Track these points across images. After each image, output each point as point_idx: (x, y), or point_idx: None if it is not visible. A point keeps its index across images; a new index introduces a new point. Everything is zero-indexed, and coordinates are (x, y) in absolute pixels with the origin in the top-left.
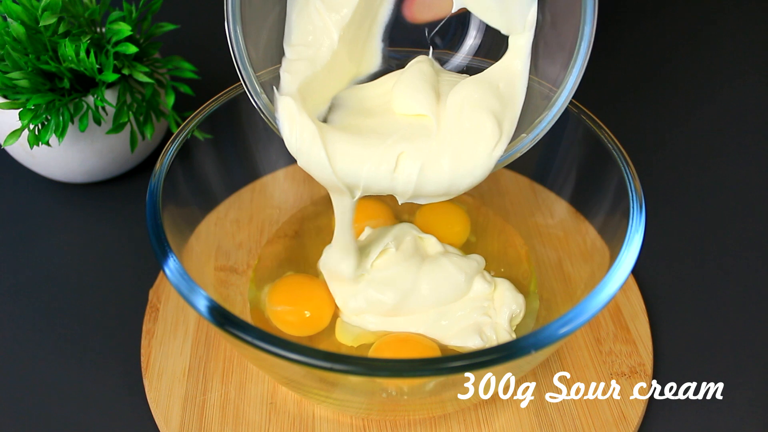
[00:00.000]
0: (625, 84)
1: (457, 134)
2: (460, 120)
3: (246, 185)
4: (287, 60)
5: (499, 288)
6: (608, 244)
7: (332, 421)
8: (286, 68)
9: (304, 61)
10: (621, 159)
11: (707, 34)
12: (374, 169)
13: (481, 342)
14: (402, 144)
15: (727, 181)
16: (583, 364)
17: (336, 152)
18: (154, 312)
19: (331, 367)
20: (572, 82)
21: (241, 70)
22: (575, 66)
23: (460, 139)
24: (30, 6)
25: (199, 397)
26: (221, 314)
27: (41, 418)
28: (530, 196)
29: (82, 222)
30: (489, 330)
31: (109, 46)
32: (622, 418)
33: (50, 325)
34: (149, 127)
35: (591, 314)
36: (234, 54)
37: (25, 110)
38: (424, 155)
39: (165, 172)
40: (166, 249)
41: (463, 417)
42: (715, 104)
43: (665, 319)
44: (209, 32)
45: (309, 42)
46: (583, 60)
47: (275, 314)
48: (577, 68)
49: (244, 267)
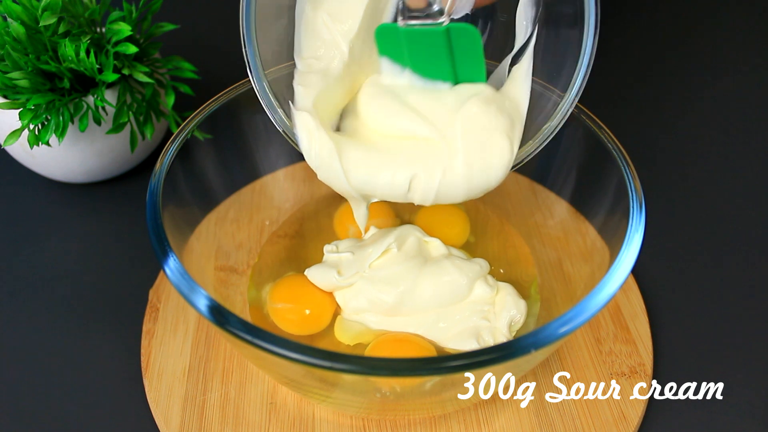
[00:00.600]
0: (625, 84)
1: (471, 153)
2: (472, 140)
3: (246, 185)
4: (299, 72)
5: (501, 292)
6: (608, 244)
7: (332, 421)
8: (300, 81)
9: (316, 74)
10: (621, 159)
11: (707, 32)
12: (389, 185)
13: (478, 346)
14: (415, 165)
15: (727, 181)
16: (583, 364)
17: (351, 168)
18: (154, 312)
19: (330, 366)
20: (575, 91)
21: (257, 86)
22: (578, 77)
23: (475, 157)
24: (30, 6)
25: (199, 397)
26: (221, 314)
27: (41, 418)
28: (530, 196)
29: (82, 222)
30: (487, 334)
31: (109, 46)
32: (622, 418)
33: (50, 325)
34: (149, 127)
35: (591, 314)
36: (251, 72)
37: (25, 110)
38: (438, 174)
39: (165, 172)
40: (166, 249)
41: (463, 417)
42: (715, 103)
43: (665, 319)
44: (209, 32)
45: (320, 55)
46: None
47: (276, 312)
48: (579, 79)
49: (244, 267)
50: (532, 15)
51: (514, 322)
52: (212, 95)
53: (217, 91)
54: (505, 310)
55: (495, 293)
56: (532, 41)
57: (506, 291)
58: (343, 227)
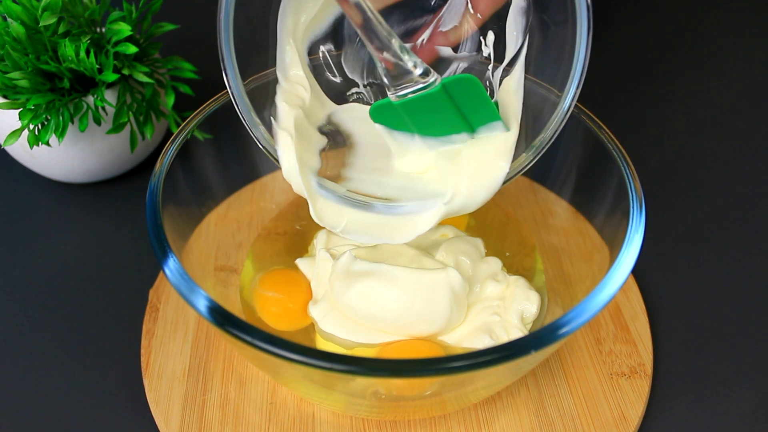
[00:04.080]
0: (624, 83)
1: (469, 169)
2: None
3: (246, 185)
4: (282, 89)
5: (512, 286)
6: (608, 244)
7: (332, 422)
8: (283, 97)
9: (299, 88)
10: (621, 159)
11: (708, 32)
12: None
13: (492, 342)
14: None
15: (727, 181)
16: (583, 364)
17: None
18: (154, 312)
19: (331, 367)
20: (569, 101)
21: (238, 105)
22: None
23: (474, 172)
24: (30, 6)
25: (199, 397)
26: (221, 314)
27: (41, 418)
28: (530, 196)
29: (82, 222)
30: (499, 329)
31: (109, 46)
32: (622, 418)
33: (50, 325)
34: (149, 127)
35: (591, 314)
36: (232, 93)
37: (25, 110)
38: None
39: (165, 172)
40: (166, 249)
41: (463, 417)
42: (716, 103)
43: (665, 319)
44: (209, 32)
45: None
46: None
47: (261, 300)
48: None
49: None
50: (523, 25)
51: (526, 315)
52: (212, 95)
53: (217, 91)
54: (515, 303)
55: (505, 288)
56: (523, 51)
57: (516, 284)
58: None
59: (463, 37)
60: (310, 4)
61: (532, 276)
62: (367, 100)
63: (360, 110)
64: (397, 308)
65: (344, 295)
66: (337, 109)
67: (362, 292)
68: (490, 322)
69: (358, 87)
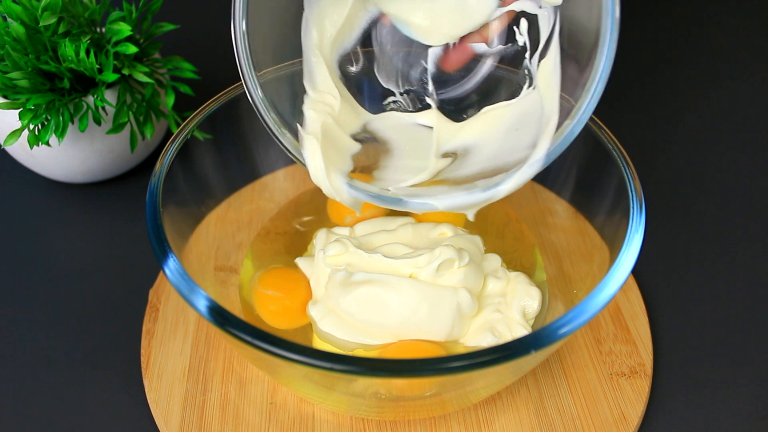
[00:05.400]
0: (625, 84)
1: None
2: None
3: (246, 185)
4: (309, 98)
5: (512, 282)
6: (608, 244)
7: (332, 422)
8: (310, 106)
9: (328, 97)
10: (621, 159)
11: (708, 33)
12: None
13: (495, 339)
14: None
15: (727, 181)
16: (583, 364)
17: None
18: (154, 312)
19: (331, 367)
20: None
21: (264, 117)
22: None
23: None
24: (30, 6)
25: (199, 397)
26: (221, 314)
27: (41, 418)
28: (530, 196)
29: (82, 222)
30: (501, 326)
31: (109, 46)
32: (622, 418)
33: (50, 325)
34: (149, 127)
35: (591, 314)
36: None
37: (25, 110)
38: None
39: (165, 172)
40: (166, 249)
41: (463, 417)
42: (715, 103)
43: (665, 319)
44: (209, 32)
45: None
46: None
47: (260, 298)
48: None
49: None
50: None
51: (528, 311)
52: (212, 95)
53: (217, 91)
54: (516, 299)
55: (506, 284)
56: (556, 29)
57: (517, 280)
58: (339, 215)
59: (495, 31)
60: (334, 17)
61: (533, 272)
62: (404, 107)
63: (397, 118)
64: (398, 316)
65: (342, 300)
66: (372, 117)
67: (361, 298)
68: (493, 319)
69: (395, 95)
